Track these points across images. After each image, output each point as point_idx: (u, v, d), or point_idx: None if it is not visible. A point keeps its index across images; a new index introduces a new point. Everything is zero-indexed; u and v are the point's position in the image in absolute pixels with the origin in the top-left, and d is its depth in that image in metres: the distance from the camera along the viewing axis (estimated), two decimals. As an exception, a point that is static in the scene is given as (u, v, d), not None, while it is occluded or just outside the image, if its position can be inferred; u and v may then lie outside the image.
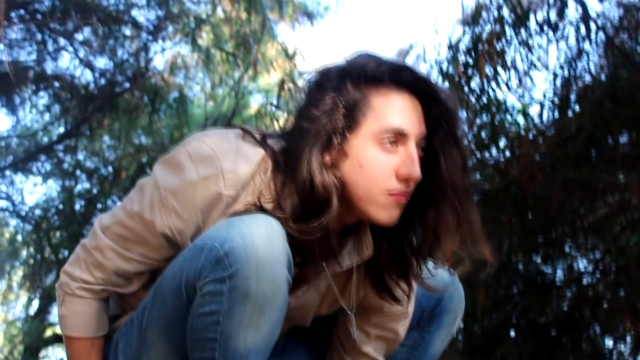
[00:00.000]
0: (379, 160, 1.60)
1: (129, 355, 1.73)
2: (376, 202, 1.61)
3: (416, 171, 1.58)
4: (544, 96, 4.49)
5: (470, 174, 1.70)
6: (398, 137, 1.59)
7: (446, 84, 4.55)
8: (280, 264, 1.50)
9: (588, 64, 4.28)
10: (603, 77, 4.23)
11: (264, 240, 1.48)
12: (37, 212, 8.99)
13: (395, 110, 1.60)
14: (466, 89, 4.54)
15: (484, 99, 4.52)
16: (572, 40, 4.33)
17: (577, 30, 4.28)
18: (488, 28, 4.38)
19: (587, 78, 4.29)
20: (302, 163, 1.58)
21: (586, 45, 4.26)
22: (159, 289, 1.64)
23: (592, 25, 4.23)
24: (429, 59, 4.72)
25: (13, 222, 9.35)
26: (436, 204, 1.64)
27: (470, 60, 4.45)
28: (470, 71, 4.48)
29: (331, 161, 1.61)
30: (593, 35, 4.22)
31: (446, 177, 1.62)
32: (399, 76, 1.62)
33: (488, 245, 1.72)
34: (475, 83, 4.49)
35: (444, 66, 4.54)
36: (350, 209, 1.64)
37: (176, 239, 1.64)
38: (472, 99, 4.54)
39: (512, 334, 5.32)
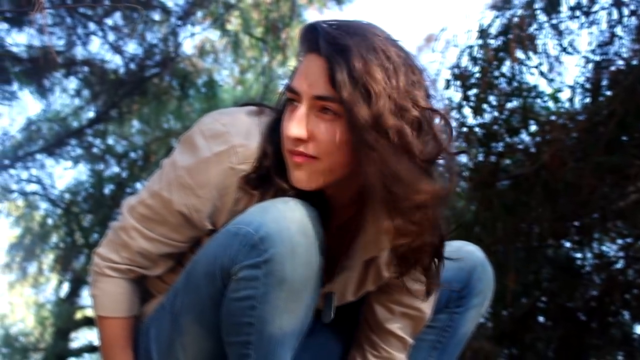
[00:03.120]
0: (285, 114, 1.62)
1: (162, 341, 1.74)
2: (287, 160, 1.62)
3: (289, 128, 1.55)
4: (575, 81, 4.45)
5: (387, 124, 1.47)
6: (294, 96, 1.58)
7: (476, 69, 4.53)
8: (315, 248, 1.52)
9: (620, 48, 4.23)
10: (635, 61, 4.18)
11: (298, 224, 1.50)
12: (67, 195, 9.08)
13: (297, 71, 1.61)
14: (496, 73, 4.52)
15: (515, 84, 4.49)
16: (604, 25, 4.28)
17: (609, 14, 4.24)
18: (519, 13, 4.34)
19: (619, 62, 4.24)
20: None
21: (618, 30, 4.22)
22: (191, 274, 1.66)
23: (625, 10, 4.18)
24: (459, 44, 4.66)
25: (43, 205, 9.44)
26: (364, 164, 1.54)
27: (501, 45, 4.42)
28: (500, 56, 4.45)
29: None
30: (625, 20, 4.17)
31: (357, 133, 1.51)
32: (304, 38, 1.62)
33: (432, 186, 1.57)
34: (505, 68, 4.46)
35: (474, 51, 4.52)
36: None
37: (193, 217, 1.67)
38: (503, 84, 4.52)
39: (541, 319, 5.31)
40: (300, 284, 1.51)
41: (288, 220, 1.49)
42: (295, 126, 1.54)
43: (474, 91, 4.52)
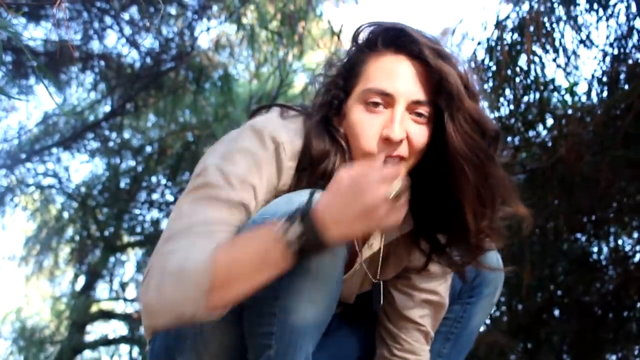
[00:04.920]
0: (361, 119, 1.65)
1: (182, 336, 1.71)
2: None
3: (395, 131, 1.60)
4: (593, 75, 4.43)
5: (490, 133, 1.63)
6: (384, 99, 1.63)
7: (492, 62, 4.52)
8: None
9: (638, 41, 4.21)
10: (653, 55, 4.17)
11: None
12: (83, 189, 9.12)
13: (383, 72, 1.65)
14: (513, 67, 4.50)
15: (531, 78, 4.48)
16: (622, 18, 4.27)
17: (628, 7, 4.22)
18: (536, 6, 4.33)
19: (637, 56, 4.23)
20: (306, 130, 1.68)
21: (636, 23, 4.20)
22: None
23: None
24: (475, 37, 4.66)
25: (60, 199, 9.47)
26: (452, 172, 1.64)
27: (518, 39, 4.41)
28: (517, 49, 4.44)
29: (339, 124, 1.69)
30: (644, 13, 4.16)
31: (454, 142, 1.61)
32: (394, 40, 1.67)
33: (520, 204, 1.73)
34: (522, 61, 4.45)
35: (490, 45, 4.51)
36: None
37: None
38: (519, 78, 4.51)
39: (557, 313, 5.31)
40: (324, 274, 1.51)
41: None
42: (400, 128, 1.60)
43: (490, 85, 4.51)
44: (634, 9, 4.17)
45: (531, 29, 4.22)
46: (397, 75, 1.63)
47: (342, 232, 1.39)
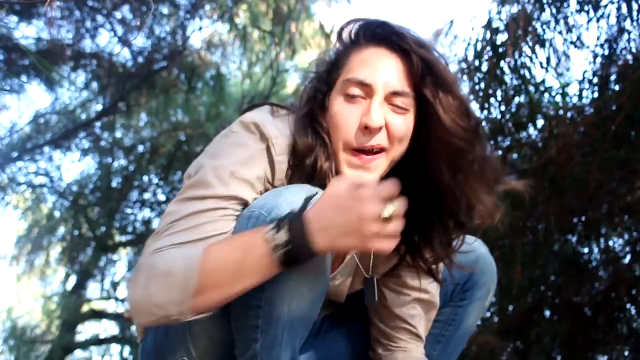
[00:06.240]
0: (341, 110, 1.67)
1: (171, 332, 1.71)
2: (343, 158, 1.66)
3: (373, 119, 1.62)
4: (584, 75, 4.43)
5: (475, 116, 1.65)
6: (363, 89, 1.65)
7: (483, 63, 4.53)
8: None
9: (629, 42, 4.22)
10: (644, 56, 4.17)
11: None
12: (75, 188, 9.11)
13: (363, 64, 1.67)
14: (503, 68, 4.51)
15: (521, 79, 4.49)
16: (613, 19, 4.27)
17: (619, 8, 4.22)
18: (527, 7, 4.33)
19: (628, 57, 4.23)
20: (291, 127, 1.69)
21: (627, 24, 4.20)
22: None
23: (634, 4, 4.17)
24: (465, 38, 4.66)
25: (51, 198, 9.47)
26: (448, 157, 1.65)
27: (508, 40, 4.42)
28: (507, 50, 4.44)
29: (323, 118, 1.70)
30: (635, 14, 4.16)
31: (446, 125, 1.62)
32: (374, 33, 1.69)
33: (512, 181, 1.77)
34: (512, 62, 4.46)
35: (481, 46, 4.51)
36: None
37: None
38: (509, 79, 4.51)
39: (548, 314, 5.31)
40: (311, 268, 1.50)
41: (301, 203, 1.49)
42: (378, 116, 1.62)
43: (481, 86, 4.51)
44: (624, 10, 4.17)
45: (521, 30, 4.22)
46: (377, 67, 1.65)
47: (329, 244, 1.40)
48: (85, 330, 11.38)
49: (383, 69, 1.65)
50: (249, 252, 1.43)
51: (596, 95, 4.37)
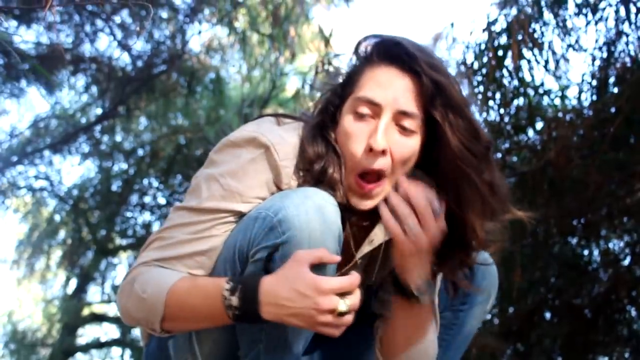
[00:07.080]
0: (350, 127, 1.66)
1: (178, 335, 1.72)
2: (350, 185, 1.66)
3: (377, 142, 1.60)
4: (582, 78, 4.44)
5: (485, 140, 1.65)
6: (372, 108, 1.64)
7: (482, 67, 4.53)
8: (332, 235, 1.54)
9: (627, 45, 4.22)
10: (642, 58, 4.18)
11: (317, 210, 1.51)
12: (75, 192, 9.12)
13: (374, 83, 1.66)
14: (502, 71, 4.51)
15: (520, 81, 4.49)
16: (611, 22, 4.28)
17: (617, 11, 4.23)
18: (525, 10, 4.34)
19: (626, 60, 4.23)
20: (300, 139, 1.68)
21: (625, 27, 4.21)
22: (217, 260, 1.65)
23: (632, 7, 4.17)
24: (464, 41, 4.66)
25: (52, 202, 9.48)
26: (454, 181, 1.64)
27: (507, 43, 4.42)
28: (506, 53, 4.45)
29: (333, 131, 1.71)
30: (633, 17, 4.17)
31: (454, 148, 1.61)
32: (387, 52, 1.68)
33: (517, 207, 1.75)
34: (511, 65, 4.46)
35: (480, 49, 4.51)
36: None
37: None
38: (508, 82, 4.51)
39: (548, 316, 5.32)
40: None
41: (307, 205, 1.51)
42: (381, 139, 1.61)
43: (480, 88, 4.52)
44: (622, 13, 4.18)
45: (520, 33, 4.23)
46: (386, 86, 1.64)
47: (278, 319, 1.46)
48: (86, 334, 11.41)
49: (392, 89, 1.64)
50: (207, 300, 1.52)
51: (595, 97, 4.38)
